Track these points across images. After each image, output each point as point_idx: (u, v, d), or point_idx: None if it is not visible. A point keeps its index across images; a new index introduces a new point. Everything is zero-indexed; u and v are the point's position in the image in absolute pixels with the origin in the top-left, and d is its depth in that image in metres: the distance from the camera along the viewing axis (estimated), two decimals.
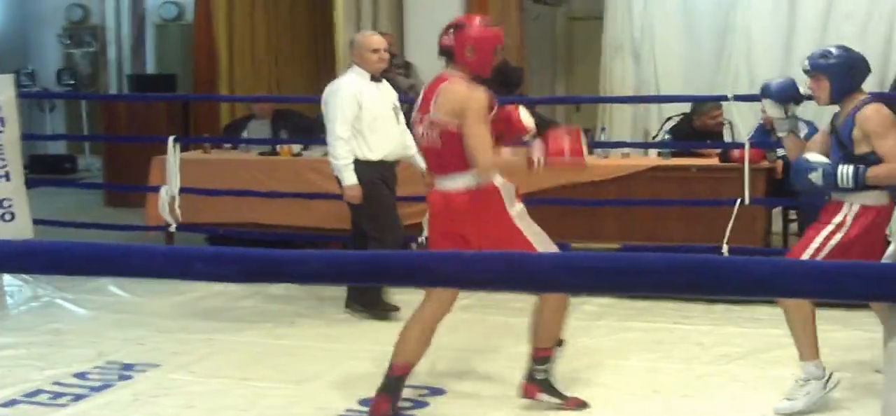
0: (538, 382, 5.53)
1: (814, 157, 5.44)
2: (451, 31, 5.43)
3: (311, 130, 10.05)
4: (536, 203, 8.34)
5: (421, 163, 7.25)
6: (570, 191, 8.30)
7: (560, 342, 5.63)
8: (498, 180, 5.33)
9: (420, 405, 5.60)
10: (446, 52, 5.41)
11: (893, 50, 10.45)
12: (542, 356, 5.53)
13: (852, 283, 2.33)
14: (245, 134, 10.05)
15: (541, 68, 13.35)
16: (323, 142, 9.48)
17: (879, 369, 5.89)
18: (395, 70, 10.33)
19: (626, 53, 11.52)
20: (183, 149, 9.28)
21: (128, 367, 6.28)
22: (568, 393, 5.58)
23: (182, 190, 8.91)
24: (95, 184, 13.76)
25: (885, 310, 2.41)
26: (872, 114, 5.32)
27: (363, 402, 5.60)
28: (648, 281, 2.40)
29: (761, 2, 10.96)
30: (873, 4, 10.56)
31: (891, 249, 2.32)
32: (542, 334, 5.53)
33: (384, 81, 7.48)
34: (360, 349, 6.64)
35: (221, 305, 7.74)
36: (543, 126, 9.44)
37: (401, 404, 5.53)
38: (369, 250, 6.91)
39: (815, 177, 5.34)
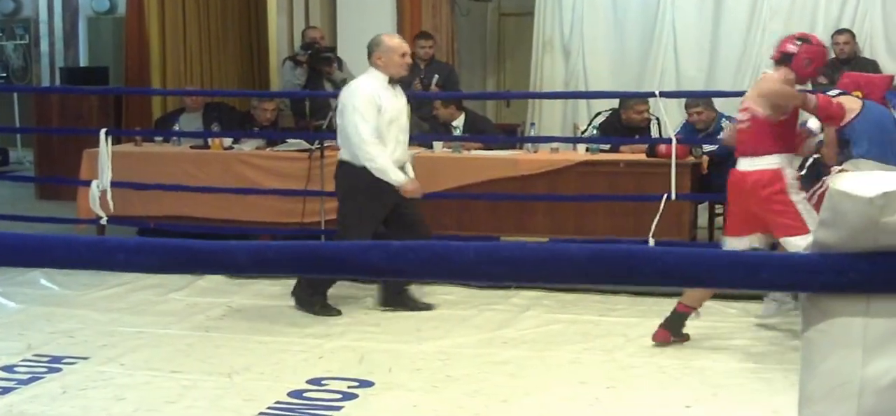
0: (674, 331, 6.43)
1: None
2: (799, 42, 6.20)
3: (243, 122, 10.06)
4: (466, 197, 8.45)
5: (410, 171, 7.41)
6: (500, 185, 8.37)
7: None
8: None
9: (349, 397, 5.62)
10: (786, 58, 6.15)
11: None
12: (684, 311, 6.46)
13: (765, 272, 2.41)
14: (177, 127, 10.03)
15: (472, 64, 13.42)
16: (254, 135, 9.52)
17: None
18: (332, 65, 10.37)
19: (556, 50, 11.63)
20: (115, 142, 9.24)
21: (56, 360, 6.24)
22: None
23: (113, 183, 8.87)
24: (27, 177, 13.61)
25: (802, 300, 2.47)
26: None
27: (292, 394, 5.63)
28: (568, 270, 2.46)
29: (688, 0, 11.13)
30: (797, 1, 10.77)
31: (810, 239, 2.38)
32: (691, 294, 6.38)
33: (398, 87, 7.33)
34: (290, 341, 6.66)
35: (152, 298, 7.72)
36: (476, 121, 9.57)
37: (329, 397, 5.61)
38: None
39: None
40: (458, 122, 9.46)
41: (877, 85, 6.52)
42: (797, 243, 5.91)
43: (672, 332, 6.47)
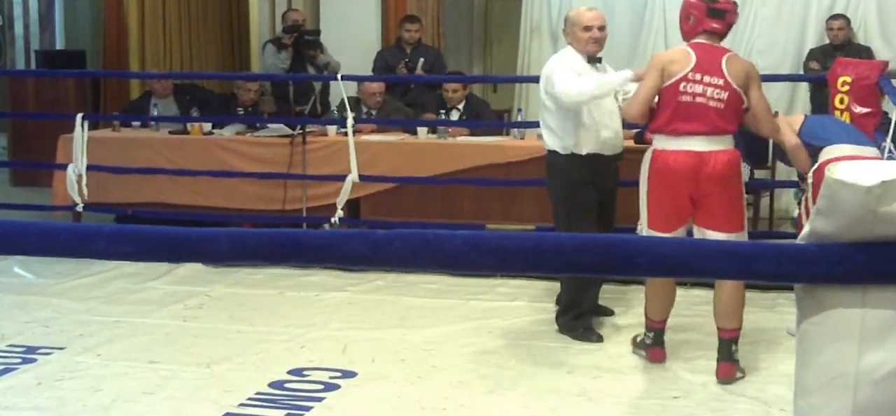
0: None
1: None
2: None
3: (227, 104, 9.93)
4: (453, 183, 8.33)
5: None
6: (486, 171, 8.24)
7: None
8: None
9: (332, 387, 5.53)
10: (728, 31, 6.22)
11: (808, 32, 10.58)
12: (657, 327, 5.99)
13: (760, 264, 2.31)
14: (156, 112, 9.88)
15: (458, 48, 13.30)
16: (235, 120, 9.39)
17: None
18: (317, 48, 10.26)
19: (543, 34, 11.54)
20: (92, 127, 9.09)
21: (31, 350, 6.13)
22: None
23: (89, 168, 8.73)
24: (1, 162, 13.48)
25: (798, 291, 2.40)
26: None
27: (273, 384, 5.53)
28: (557, 260, 2.36)
29: None
30: None
31: (806, 229, 2.29)
32: (652, 308, 5.99)
33: (608, 67, 6.51)
34: (272, 331, 6.57)
35: (129, 287, 7.61)
36: (476, 104, 9.44)
37: (311, 387, 5.52)
38: None
39: None
40: (460, 104, 9.28)
41: (866, 75, 6.37)
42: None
43: (662, 345, 6.07)
